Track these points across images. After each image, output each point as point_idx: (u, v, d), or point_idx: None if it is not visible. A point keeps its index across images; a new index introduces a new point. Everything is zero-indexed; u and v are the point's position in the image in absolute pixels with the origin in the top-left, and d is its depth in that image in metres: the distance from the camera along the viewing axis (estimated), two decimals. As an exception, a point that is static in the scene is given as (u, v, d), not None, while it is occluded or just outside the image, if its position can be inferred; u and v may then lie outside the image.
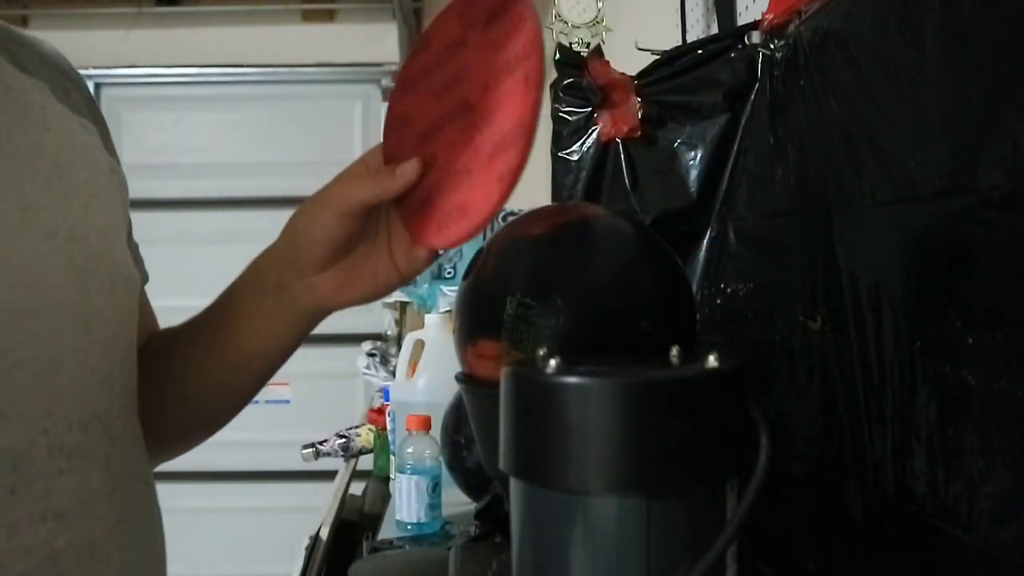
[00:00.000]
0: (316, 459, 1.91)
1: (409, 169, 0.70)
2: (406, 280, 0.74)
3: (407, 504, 1.24)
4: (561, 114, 1.23)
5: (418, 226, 0.71)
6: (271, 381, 0.81)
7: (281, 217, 0.77)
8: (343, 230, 0.71)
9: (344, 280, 0.74)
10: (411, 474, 1.24)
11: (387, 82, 3.74)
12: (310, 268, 0.73)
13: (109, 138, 0.78)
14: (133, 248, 0.81)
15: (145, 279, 0.81)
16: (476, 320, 0.78)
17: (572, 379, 0.51)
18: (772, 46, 0.96)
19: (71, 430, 0.63)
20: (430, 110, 0.71)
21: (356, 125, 3.83)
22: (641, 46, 1.21)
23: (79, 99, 0.75)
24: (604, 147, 1.19)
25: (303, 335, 0.78)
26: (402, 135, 0.73)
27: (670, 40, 1.38)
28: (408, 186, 0.70)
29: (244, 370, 0.80)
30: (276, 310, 0.76)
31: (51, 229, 0.64)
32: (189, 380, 0.80)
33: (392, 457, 1.50)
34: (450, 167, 0.69)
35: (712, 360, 0.52)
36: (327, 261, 0.73)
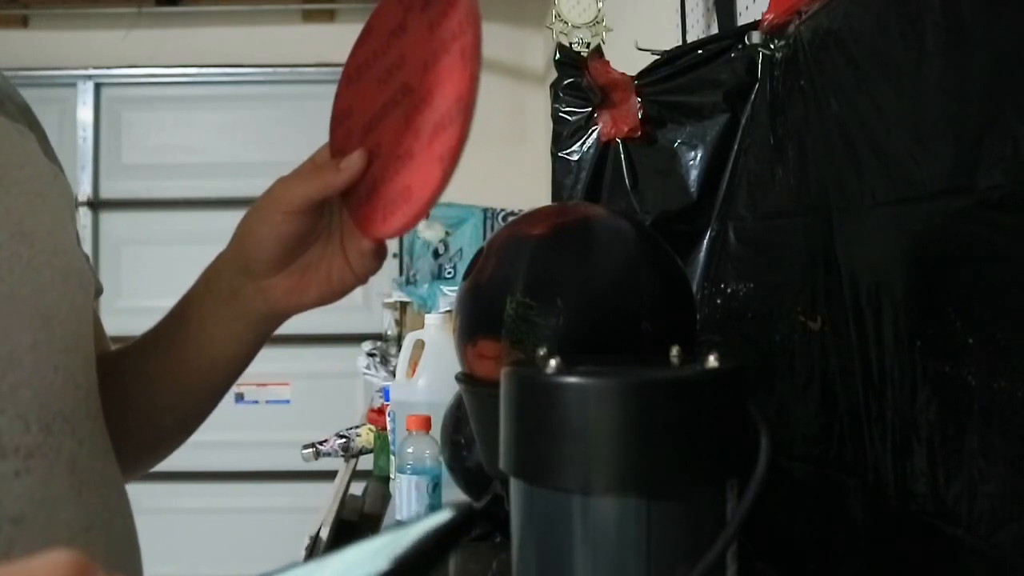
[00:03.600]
0: (316, 459, 1.90)
1: (353, 162, 0.68)
2: (361, 280, 0.72)
3: (407, 504, 1.24)
4: (561, 114, 1.23)
5: (365, 217, 0.69)
6: (271, 381, 0.80)
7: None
8: (291, 228, 0.69)
9: (297, 283, 0.72)
10: (411, 474, 1.24)
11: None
12: (260, 270, 0.72)
13: (49, 145, 0.76)
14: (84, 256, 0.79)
15: (99, 291, 0.79)
16: (476, 320, 0.78)
17: (572, 379, 0.51)
18: (772, 46, 0.96)
19: (29, 430, 0.60)
20: (373, 100, 0.70)
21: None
22: (641, 46, 1.21)
23: (13, 108, 0.73)
24: (604, 147, 1.19)
25: (259, 342, 0.77)
26: (348, 129, 0.71)
27: (670, 40, 1.38)
28: (353, 179, 0.68)
29: (201, 380, 0.78)
30: (230, 317, 0.74)
31: None
32: (145, 396, 0.78)
33: (392, 457, 1.50)
34: (393, 153, 0.67)
35: (712, 360, 0.52)
36: (277, 262, 0.71)
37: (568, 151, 1.22)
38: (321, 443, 1.90)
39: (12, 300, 0.61)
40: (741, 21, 1.18)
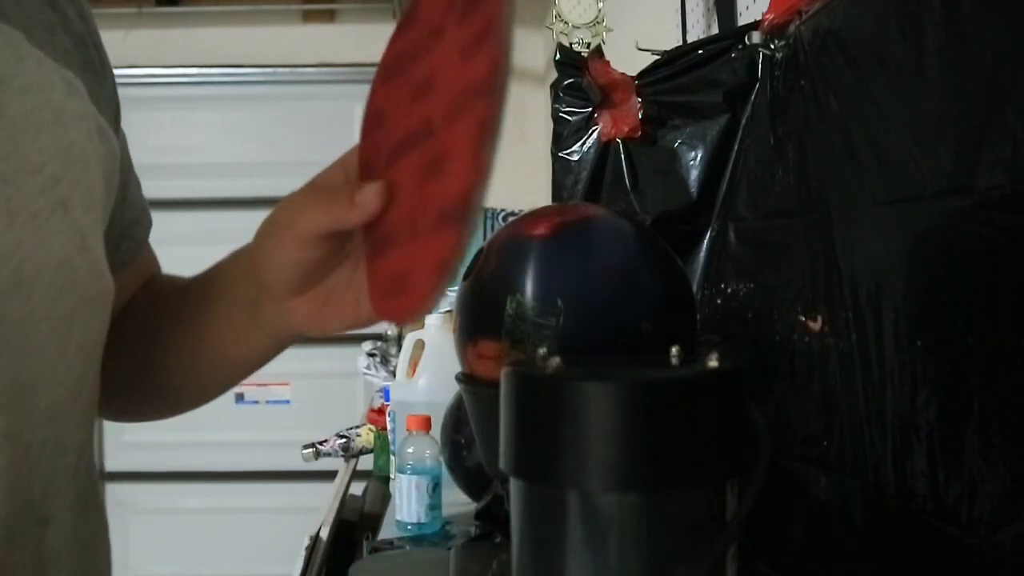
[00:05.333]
0: (316, 459, 1.90)
1: (369, 199, 0.59)
2: None
3: (407, 504, 1.24)
4: (561, 114, 1.23)
5: (370, 275, 0.61)
6: (271, 381, 0.78)
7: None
8: (305, 255, 0.61)
9: (321, 307, 0.64)
10: (411, 474, 1.24)
11: (387, 82, 3.74)
12: (280, 292, 0.64)
13: (107, 86, 0.68)
14: (134, 204, 0.75)
15: (149, 223, 0.77)
16: (476, 320, 0.78)
17: (572, 379, 0.51)
18: (772, 46, 0.96)
19: None
20: (403, 117, 0.61)
21: (356, 125, 3.80)
22: (641, 46, 1.21)
23: (66, 41, 0.63)
24: (604, 147, 1.19)
25: (279, 349, 0.71)
26: (377, 142, 0.64)
27: (670, 40, 1.38)
28: (368, 218, 0.60)
29: (213, 368, 0.73)
30: (249, 325, 0.68)
31: None
32: (159, 347, 0.73)
33: (392, 457, 1.50)
34: (403, 210, 0.59)
35: (712, 360, 0.52)
36: (296, 286, 0.63)
37: (568, 151, 1.22)
38: (321, 443, 1.90)
39: None
40: (741, 21, 1.18)
